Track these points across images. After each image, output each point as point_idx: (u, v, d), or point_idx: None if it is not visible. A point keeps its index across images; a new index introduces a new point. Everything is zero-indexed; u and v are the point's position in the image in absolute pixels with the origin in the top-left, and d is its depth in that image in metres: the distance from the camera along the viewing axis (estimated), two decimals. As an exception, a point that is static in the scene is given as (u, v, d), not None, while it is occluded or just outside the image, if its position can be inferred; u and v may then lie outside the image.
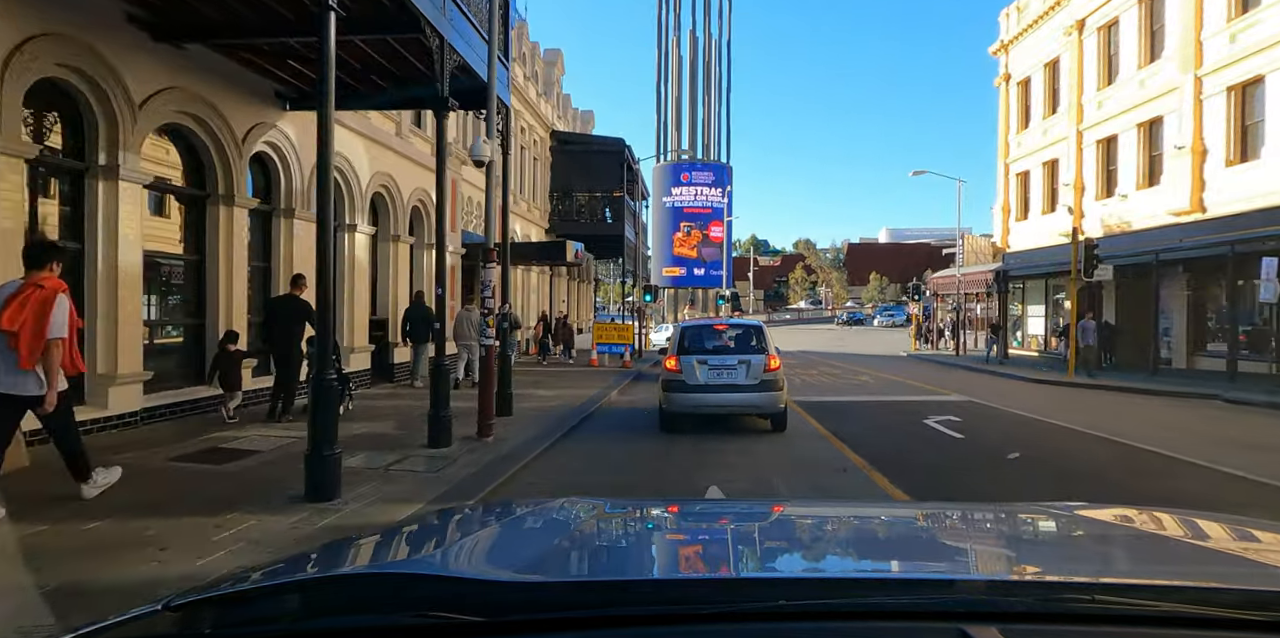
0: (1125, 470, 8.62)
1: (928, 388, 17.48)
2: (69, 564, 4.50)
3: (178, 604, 1.13)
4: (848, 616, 1.09)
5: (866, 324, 73.76)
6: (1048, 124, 30.84)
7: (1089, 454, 9.68)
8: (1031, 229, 31.21)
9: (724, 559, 1.61)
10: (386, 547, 1.74)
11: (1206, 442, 10.51)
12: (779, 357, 10.47)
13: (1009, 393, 16.71)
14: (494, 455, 8.78)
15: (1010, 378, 21.41)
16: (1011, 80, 35.10)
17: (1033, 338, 32.43)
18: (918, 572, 1.45)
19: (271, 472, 7.36)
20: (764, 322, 13.66)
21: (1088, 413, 13.44)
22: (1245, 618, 1.09)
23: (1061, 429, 11.82)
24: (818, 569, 1.54)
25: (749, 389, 9.94)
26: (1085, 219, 27.38)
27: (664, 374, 10.48)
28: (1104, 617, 1.10)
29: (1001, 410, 13.85)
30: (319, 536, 5.24)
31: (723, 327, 11.61)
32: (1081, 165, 28.03)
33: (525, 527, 1.81)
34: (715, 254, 71.08)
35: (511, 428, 10.64)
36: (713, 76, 76.66)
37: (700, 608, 1.11)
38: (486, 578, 1.22)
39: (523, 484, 7.57)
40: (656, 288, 34.19)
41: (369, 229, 15.29)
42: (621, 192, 28.72)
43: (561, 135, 29.72)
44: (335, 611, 1.12)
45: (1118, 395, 16.78)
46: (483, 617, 1.06)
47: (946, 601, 1.12)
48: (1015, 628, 1.04)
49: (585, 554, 1.63)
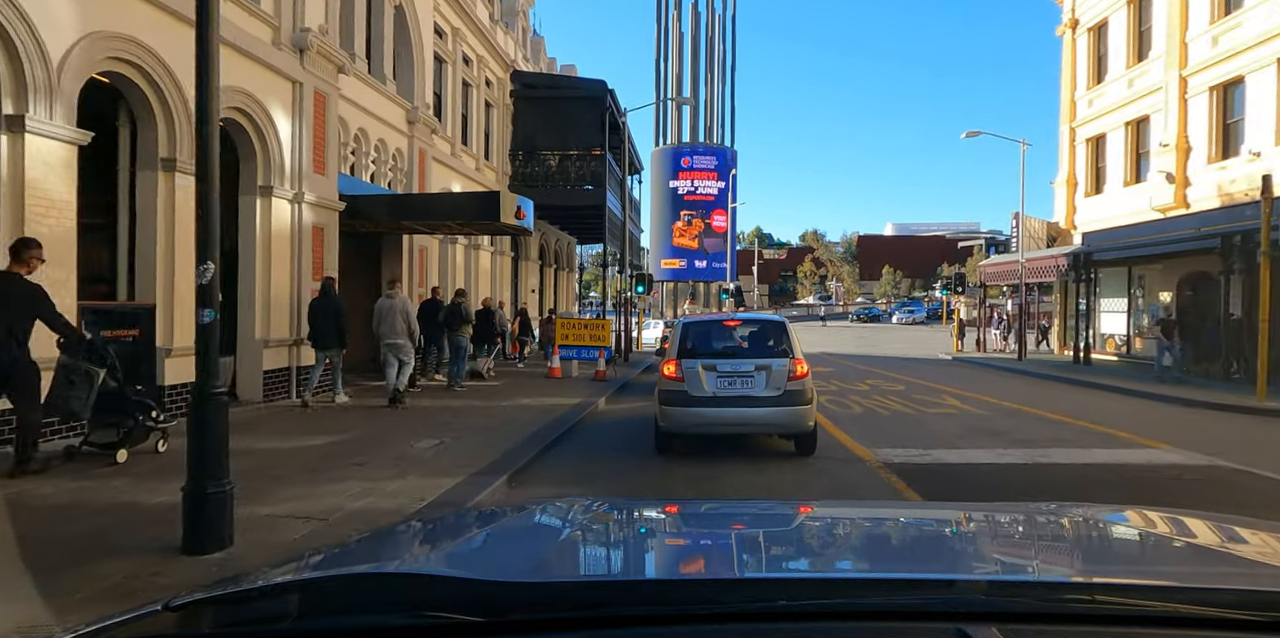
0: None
1: (1086, 426, 10.72)
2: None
3: (178, 605, 1.11)
4: (848, 616, 1.09)
5: (884, 321, 69.06)
6: (1133, 74, 25.85)
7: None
8: (1106, 205, 26.73)
9: (724, 559, 1.59)
10: (386, 547, 1.74)
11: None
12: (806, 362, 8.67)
13: (1255, 441, 9.91)
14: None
15: (1183, 404, 13.80)
16: (1080, 26, 29.90)
17: (1109, 338, 27.03)
18: (918, 572, 1.41)
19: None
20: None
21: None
22: (1245, 618, 1.08)
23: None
24: (818, 569, 1.54)
25: (769, 403, 8.30)
26: (1191, 187, 22.45)
27: (661, 383, 8.75)
28: (1104, 617, 1.10)
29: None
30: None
31: (735, 323, 9.60)
32: (1186, 120, 22.84)
33: (525, 527, 1.82)
34: (718, 245, 66.17)
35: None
36: (715, 54, 71.55)
37: (700, 608, 1.11)
38: (486, 578, 1.17)
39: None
40: (649, 277, 27.91)
41: (67, 132, 7.56)
42: (603, 150, 22.38)
43: (525, 77, 23.29)
44: (335, 611, 1.11)
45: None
46: (483, 617, 1.05)
47: (946, 601, 1.12)
48: (1015, 628, 1.03)
49: (585, 554, 1.63)
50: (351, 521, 5.22)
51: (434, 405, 11.45)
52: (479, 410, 11.05)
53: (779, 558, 1.59)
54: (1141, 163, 25.28)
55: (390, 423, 9.67)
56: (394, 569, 1.35)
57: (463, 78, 19.32)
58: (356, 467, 6.87)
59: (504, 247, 22.88)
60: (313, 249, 11.51)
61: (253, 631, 1.10)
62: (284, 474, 6.55)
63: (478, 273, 20.36)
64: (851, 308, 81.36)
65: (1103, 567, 1.55)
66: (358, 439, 8.33)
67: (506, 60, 22.53)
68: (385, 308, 11.49)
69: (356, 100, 13.44)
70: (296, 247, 11.15)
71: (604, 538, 1.78)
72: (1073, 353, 25.80)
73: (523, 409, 11.30)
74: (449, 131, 18.48)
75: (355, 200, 12.48)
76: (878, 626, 1.07)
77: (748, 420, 8.34)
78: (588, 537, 1.74)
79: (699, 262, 66.08)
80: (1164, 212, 22.92)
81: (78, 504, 5.49)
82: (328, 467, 6.86)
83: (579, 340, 16.87)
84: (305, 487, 6.09)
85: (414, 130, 15.71)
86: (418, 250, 15.72)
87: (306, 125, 11.25)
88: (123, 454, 6.84)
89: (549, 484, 7.13)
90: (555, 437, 9.18)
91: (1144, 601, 1.12)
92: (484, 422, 9.96)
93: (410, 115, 15.60)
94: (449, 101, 18.37)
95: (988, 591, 1.17)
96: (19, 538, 4.57)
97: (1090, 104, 28.44)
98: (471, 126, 20.34)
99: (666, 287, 67.71)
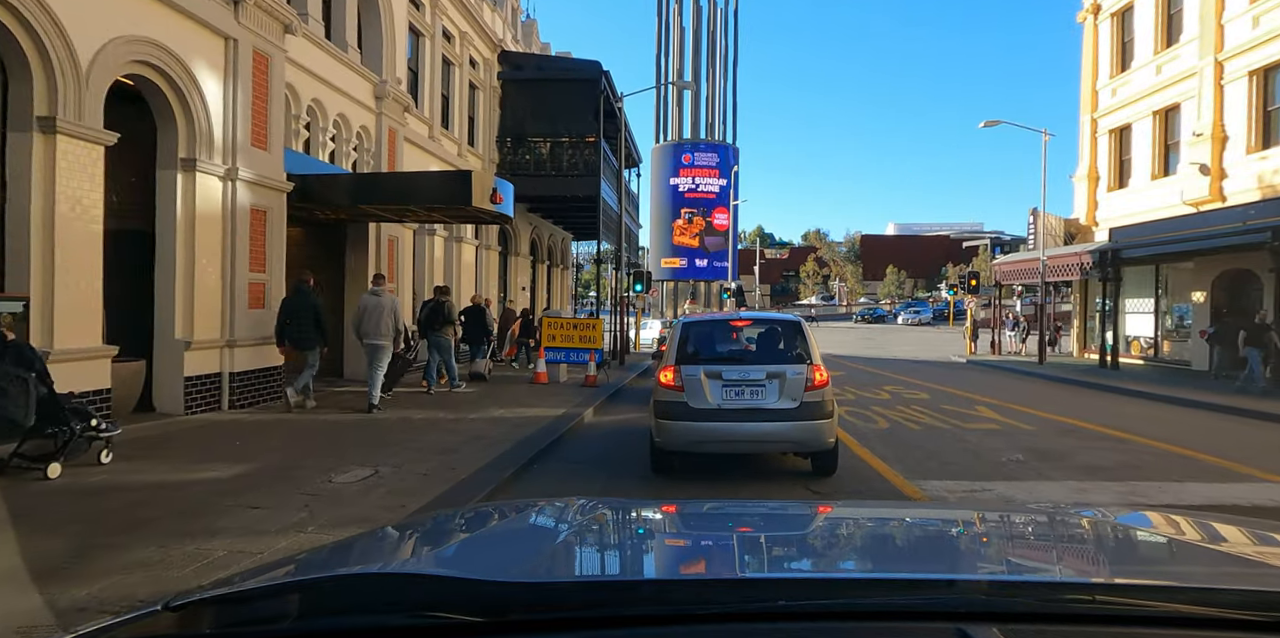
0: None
1: (1158, 447, 9.00)
2: None
3: (178, 605, 1.11)
4: (848, 616, 1.09)
5: (889, 322, 67.77)
6: (1162, 59, 24.53)
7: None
8: (1132, 200, 25.35)
9: (724, 559, 1.58)
10: (387, 547, 1.72)
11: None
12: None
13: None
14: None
15: (1248, 416, 11.98)
16: (1102, 12, 28.74)
17: (1134, 341, 25.70)
18: (918, 572, 1.41)
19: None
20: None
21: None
22: (1245, 618, 1.08)
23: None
24: (818, 569, 1.54)
25: (783, 416, 7.21)
26: (1228, 179, 20.99)
27: (657, 392, 7.62)
28: (1104, 617, 1.10)
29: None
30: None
31: (743, 323, 8.51)
32: (1222, 108, 21.43)
33: (525, 527, 1.81)
34: (719, 244, 64.83)
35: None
36: (717, 48, 69.97)
37: (700, 608, 1.10)
38: (486, 578, 1.15)
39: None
40: (648, 274, 26.26)
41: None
42: (597, 137, 20.73)
43: (514, 57, 21.58)
44: (335, 611, 1.11)
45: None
46: (483, 617, 1.05)
47: (946, 601, 1.11)
48: (1015, 628, 1.03)
49: (585, 554, 1.61)
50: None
51: (390, 418, 9.79)
52: (441, 425, 9.38)
53: (779, 558, 1.58)
54: (1170, 154, 23.96)
55: (325, 441, 8.02)
56: (394, 569, 1.37)
57: (443, 54, 17.66)
58: (249, 511, 5.20)
59: (490, 240, 21.26)
60: (251, 235, 9.87)
61: (253, 631, 1.10)
62: (148, 522, 4.91)
63: (460, 268, 18.73)
64: (855, 308, 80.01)
65: (1103, 567, 1.56)
66: (272, 468, 6.65)
67: (494, 39, 20.88)
68: (371, 306, 10.36)
69: (310, 67, 11.77)
70: (229, 232, 9.51)
71: (604, 538, 1.76)
72: (1098, 356, 24.39)
73: (494, 423, 9.64)
74: (426, 112, 16.83)
75: (306, 181, 10.84)
76: (878, 626, 1.06)
77: (758, 437, 7.34)
78: (587, 537, 1.73)
79: (700, 261, 65.21)
80: (1197, 205, 21.51)
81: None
82: (210, 511, 5.21)
83: (567, 342, 15.25)
84: (160, 546, 4.41)
85: (382, 107, 14.05)
86: (386, 241, 14.07)
87: (243, 90, 9.62)
88: (55, 469, 6.11)
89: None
90: (527, 459, 7.55)
91: (1144, 601, 1.12)
92: (442, 440, 8.32)
93: (378, 90, 13.94)
94: (426, 79, 16.72)
95: (988, 591, 1.16)
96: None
97: (1113, 93, 27.22)
98: (453, 109, 18.68)
99: (667, 286, 66.45)
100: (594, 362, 15.00)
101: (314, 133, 12.44)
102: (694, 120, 67.22)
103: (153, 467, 6.52)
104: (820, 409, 7.23)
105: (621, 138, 21.89)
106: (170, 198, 8.88)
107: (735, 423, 7.27)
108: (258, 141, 9.91)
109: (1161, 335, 24.14)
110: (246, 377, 9.90)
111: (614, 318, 22.32)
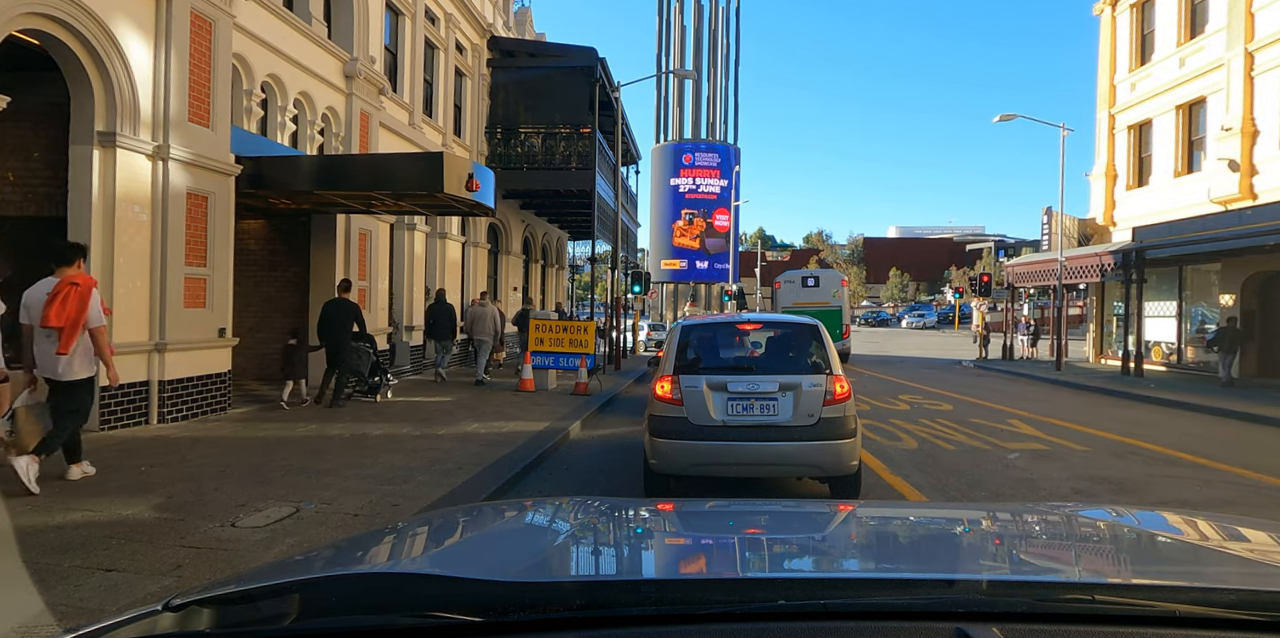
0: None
1: (1248, 476, 7.64)
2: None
3: (178, 604, 1.10)
4: (848, 615, 1.08)
5: (892, 325, 66.27)
6: (1185, 51, 23.39)
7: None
8: (1153, 198, 24.32)
9: (723, 559, 1.56)
10: (387, 547, 1.69)
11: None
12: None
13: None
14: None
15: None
16: (1121, 3, 27.72)
17: (1155, 346, 24.55)
18: (918, 572, 1.40)
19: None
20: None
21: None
22: (1245, 618, 1.08)
23: None
24: (818, 569, 1.51)
25: (798, 435, 6.32)
26: (1259, 176, 20.01)
27: (652, 406, 6.68)
28: (1104, 617, 1.09)
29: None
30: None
31: (751, 326, 7.37)
32: (1252, 101, 20.39)
33: (526, 527, 1.80)
34: (720, 245, 63.76)
35: None
36: (719, 48, 68.87)
37: (700, 608, 1.10)
38: (486, 578, 1.16)
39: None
40: (646, 275, 25.02)
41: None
42: (593, 128, 19.47)
43: (504, 43, 20.31)
44: (335, 611, 1.09)
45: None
46: (482, 617, 1.04)
47: (946, 600, 1.10)
48: (1015, 628, 1.03)
49: (585, 554, 1.60)
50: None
51: (341, 433, 8.52)
52: (400, 443, 8.08)
53: (779, 558, 1.57)
54: (1195, 150, 22.89)
55: (254, 465, 6.71)
56: (394, 569, 1.37)
57: (425, 36, 16.39)
58: (95, 576, 3.90)
59: (478, 236, 20.01)
60: (189, 224, 8.61)
61: (253, 631, 1.09)
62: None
63: (444, 266, 17.46)
64: (859, 311, 78.90)
65: (1103, 567, 1.55)
66: (170, 504, 5.33)
67: (483, 23, 19.63)
68: (478, 313, 11.85)
69: (265, 39, 10.50)
70: (160, 218, 8.25)
71: (604, 538, 1.75)
72: (1118, 362, 23.16)
73: (463, 440, 8.36)
74: (407, 97, 15.57)
75: (259, 164, 9.58)
76: (878, 625, 1.05)
77: (769, 459, 6.47)
78: (587, 536, 1.72)
79: (700, 262, 64.25)
80: (1225, 203, 20.40)
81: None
82: (50, 576, 3.92)
83: (556, 346, 13.97)
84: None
85: (353, 87, 12.78)
86: (358, 235, 12.81)
87: (179, 57, 8.37)
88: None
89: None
90: (490, 492, 6.27)
91: (1144, 600, 1.12)
92: (395, 464, 7.03)
93: (348, 69, 12.68)
94: (406, 61, 15.46)
95: (988, 591, 1.14)
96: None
97: (1133, 88, 26.15)
98: (437, 95, 17.41)
99: (666, 288, 65.34)
100: (585, 368, 13.75)
101: (271, 112, 11.15)
102: (695, 120, 66.17)
103: (14, 506, 5.21)
104: (841, 427, 6.37)
105: (618, 131, 20.67)
106: (84, 178, 7.60)
107: (742, 442, 6.42)
108: (197, 117, 8.65)
109: (1185, 341, 22.98)
110: (182, 385, 8.64)
111: (611, 320, 21.09)
